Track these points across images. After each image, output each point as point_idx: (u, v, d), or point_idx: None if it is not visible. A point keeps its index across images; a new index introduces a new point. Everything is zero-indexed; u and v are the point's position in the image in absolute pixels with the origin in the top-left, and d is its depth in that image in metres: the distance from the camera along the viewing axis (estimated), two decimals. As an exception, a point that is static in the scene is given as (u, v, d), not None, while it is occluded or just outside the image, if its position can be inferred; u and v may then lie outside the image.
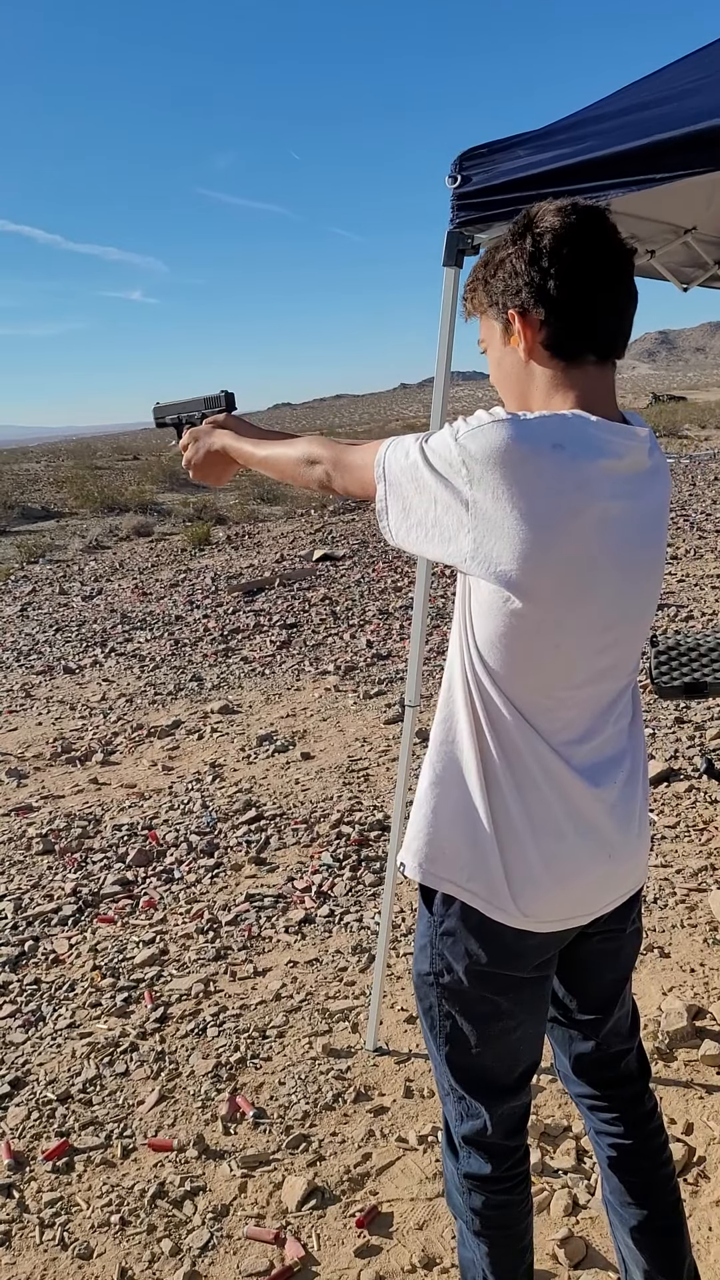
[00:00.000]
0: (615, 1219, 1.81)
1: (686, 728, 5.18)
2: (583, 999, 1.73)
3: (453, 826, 1.50)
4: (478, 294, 1.49)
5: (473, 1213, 1.69)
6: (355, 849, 4.16)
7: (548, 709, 1.43)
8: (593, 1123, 1.80)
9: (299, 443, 1.64)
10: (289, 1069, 2.81)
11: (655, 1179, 1.77)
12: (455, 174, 2.42)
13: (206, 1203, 2.36)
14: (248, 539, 14.49)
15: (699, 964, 3.15)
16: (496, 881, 1.47)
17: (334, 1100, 2.67)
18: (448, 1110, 1.69)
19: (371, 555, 11.89)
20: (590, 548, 1.33)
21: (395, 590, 9.67)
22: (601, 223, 1.38)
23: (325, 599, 9.53)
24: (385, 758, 5.24)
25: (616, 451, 1.36)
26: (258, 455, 1.72)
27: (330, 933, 3.54)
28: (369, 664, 7.14)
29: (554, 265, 1.36)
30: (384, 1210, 2.30)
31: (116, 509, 18.28)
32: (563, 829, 1.46)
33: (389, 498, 1.41)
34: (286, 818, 4.59)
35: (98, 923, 3.75)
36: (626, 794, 1.54)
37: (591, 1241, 2.17)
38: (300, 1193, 2.34)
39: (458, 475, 1.29)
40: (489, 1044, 1.59)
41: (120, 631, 8.89)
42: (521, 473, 1.27)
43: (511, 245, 1.41)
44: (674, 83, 2.33)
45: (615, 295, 1.40)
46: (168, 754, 5.65)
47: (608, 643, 1.43)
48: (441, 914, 1.54)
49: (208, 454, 1.84)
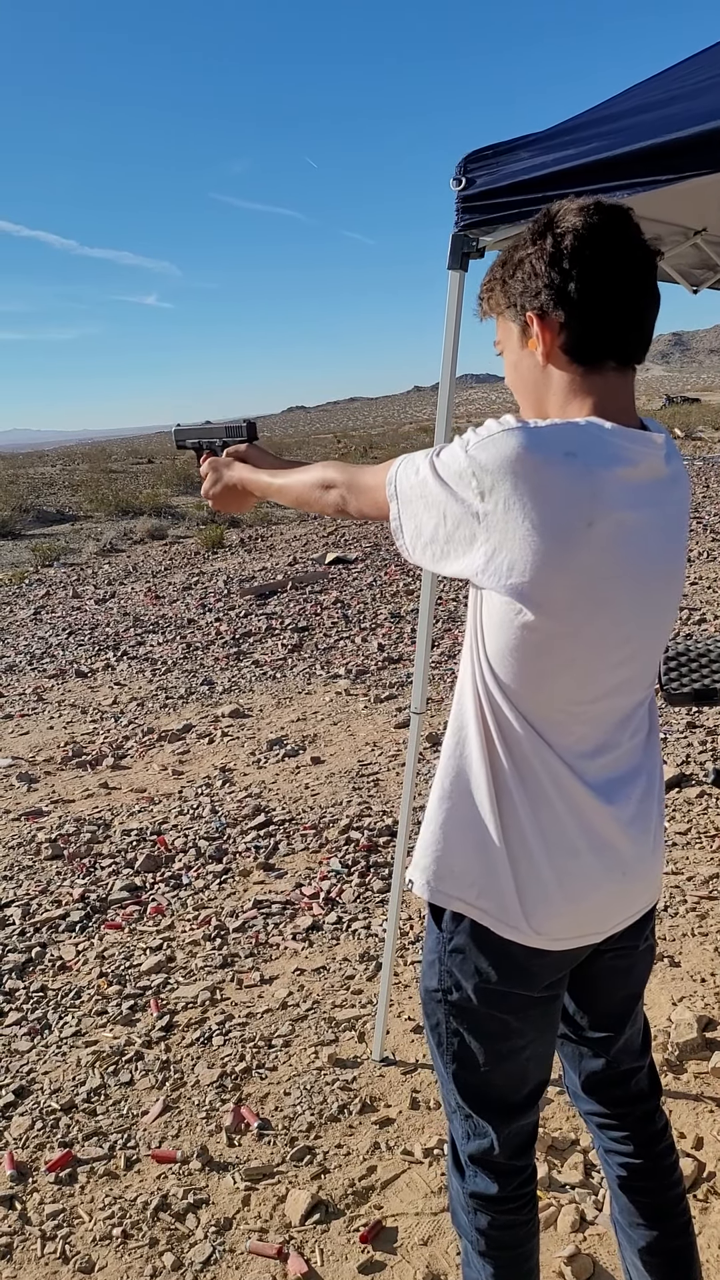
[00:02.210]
0: (624, 1239, 1.77)
1: (699, 732, 5.13)
2: (594, 1016, 1.69)
3: (462, 842, 1.46)
4: (495, 294, 1.45)
5: (478, 1233, 1.66)
6: (364, 855, 4.14)
7: (560, 723, 1.40)
8: (602, 1141, 1.77)
9: (313, 469, 1.63)
10: (294, 1079, 2.79)
11: (665, 1199, 1.73)
12: (460, 176, 2.39)
13: (209, 1216, 2.34)
14: (261, 542, 14.49)
15: (710, 974, 3.11)
16: (508, 899, 1.43)
17: (339, 1111, 2.64)
18: (454, 1128, 1.66)
19: (384, 558, 11.86)
20: (605, 559, 1.30)
21: (407, 593, 9.64)
22: (625, 223, 1.34)
23: (337, 602, 9.52)
24: (395, 762, 5.22)
25: (632, 459, 1.32)
26: (275, 485, 1.72)
27: (338, 940, 3.51)
28: (380, 667, 7.11)
29: (575, 267, 1.32)
30: (388, 1225, 2.27)
31: (131, 512, 18.31)
32: (576, 846, 1.43)
33: (402, 516, 1.38)
34: (295, 823, 4.56)
35: (105, 929, 3.74)
36: (642, 810, 1.50)
37: (599, 1259, 2.14)
38: (304, 1206, 2.32)
39: (468, 487, 1.27)
40: (497, 1063, 1.55)
41: (133, 635, 8.89)
42: (533, 482, 1.23)
43: (531, 245, 1.37)
44: (682, 82, 2.30)
45: (638, 299, 1.36)
46: (178, 758, 5.64)
47: (624, 656, 1.40)
48: (451, 930, 1.51)
49: (225, 487, 1.84)
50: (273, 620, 8.96)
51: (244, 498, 1.85)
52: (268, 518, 16.78)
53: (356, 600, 9.54)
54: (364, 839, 4.28)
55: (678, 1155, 1.78)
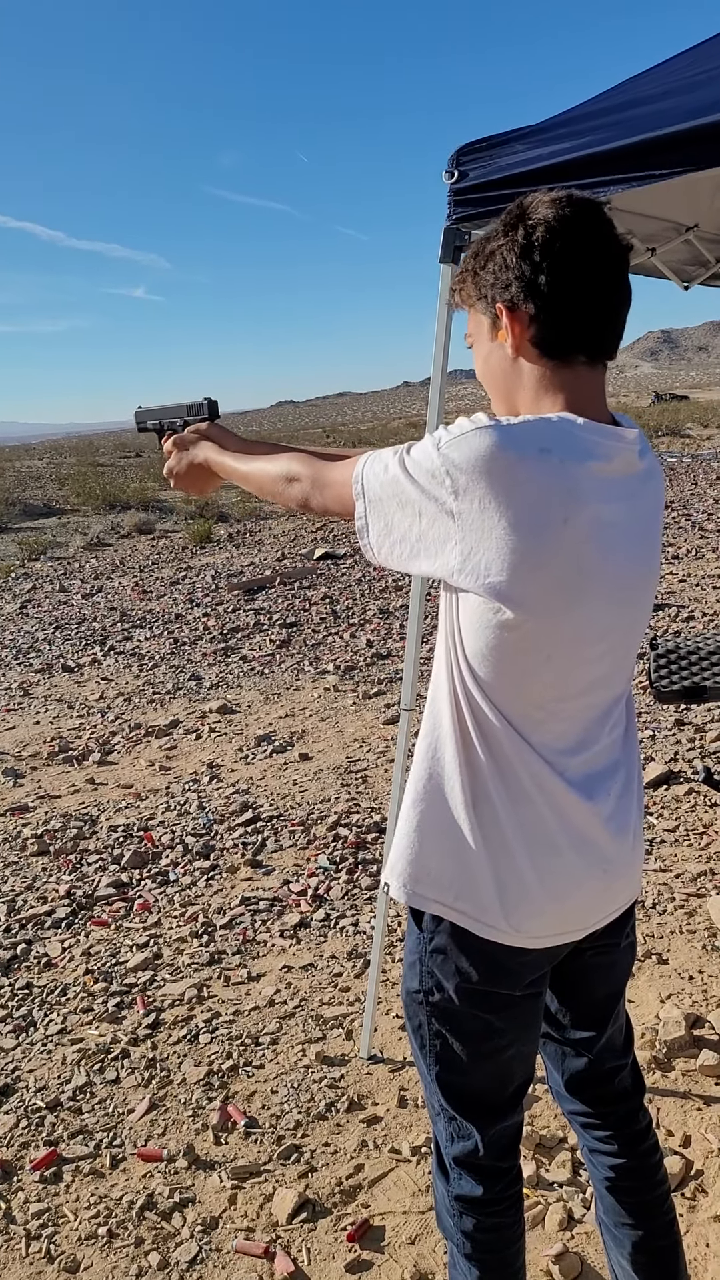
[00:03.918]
0: (610, 1239, 1.77)
1: (687, 729, 5.14)
2: (576, 1014, 1.69)
3: (438, 844, 1.45)
4: (467, 285, 1.44)
5: (464, 1235, 1.65)
6: (352, 851, 4.12)
7: (540, 721, 1.39)
8: (586, 1141, 1.76)
9: (280, 459, 1.58)
10: (281, 1077, 2.78)
11: (650, 1199, 1.73)
12: (452, 169, 2.37)
13: (196, 1215, 2.33)
14: (249, 537, 14.46)
15: (697, 971, 3.11)
16: (487, 899, 1.42)
17: (327, 1109, 2.63)
18: (438, 1131, 1.65)
19: (373, 554, 11.84)
20: (582, 554, 1.29)
21: (396, 589, 9.63)
22: (597, 216, 1.33)
23: (326, 598, 9.50)
24: (384, 759, 5.20)
25: (605, 454, 1.31)
26: (240, 470, 1.68)
27: (325, 937, 3.50)
28: (369, 664, 7.10)
29: (546, 259, 1.31)
30: (376, 1224, 2.26)
31: (118, 506, 18.25)
32: (557, 843, 1.42)
33: (369, 515, 1.36)
34: (283, 819, 4.55)
35: (91, 926, 3.71)
36: (621, 806, 1.49)
37: (587, 1257, 2.14)
38: (291, 1205, 2.30)
39: (441, 486, 1.25)
40: (480, 1063, 1.54)
41: (120, 630, 8.86)
42: (508, 480, 1.22)
43: (503, 236, 1.35)
44: (675, 77, 2.28)
45: (609, 293, 1.34)
46: (165, 754, 5.61)
47: (601, 652, 1.39)
48: (431, 931, 1.49)
49: (190, 465, 1.80)
50: (261, 616, 8.93)
51: (208, 478, 1.80)
52: (255, 513, 16.75)
53: (345, 596, 9.52)
54: (352, 835, 4.27)
55: (662, 1154, 1.77)
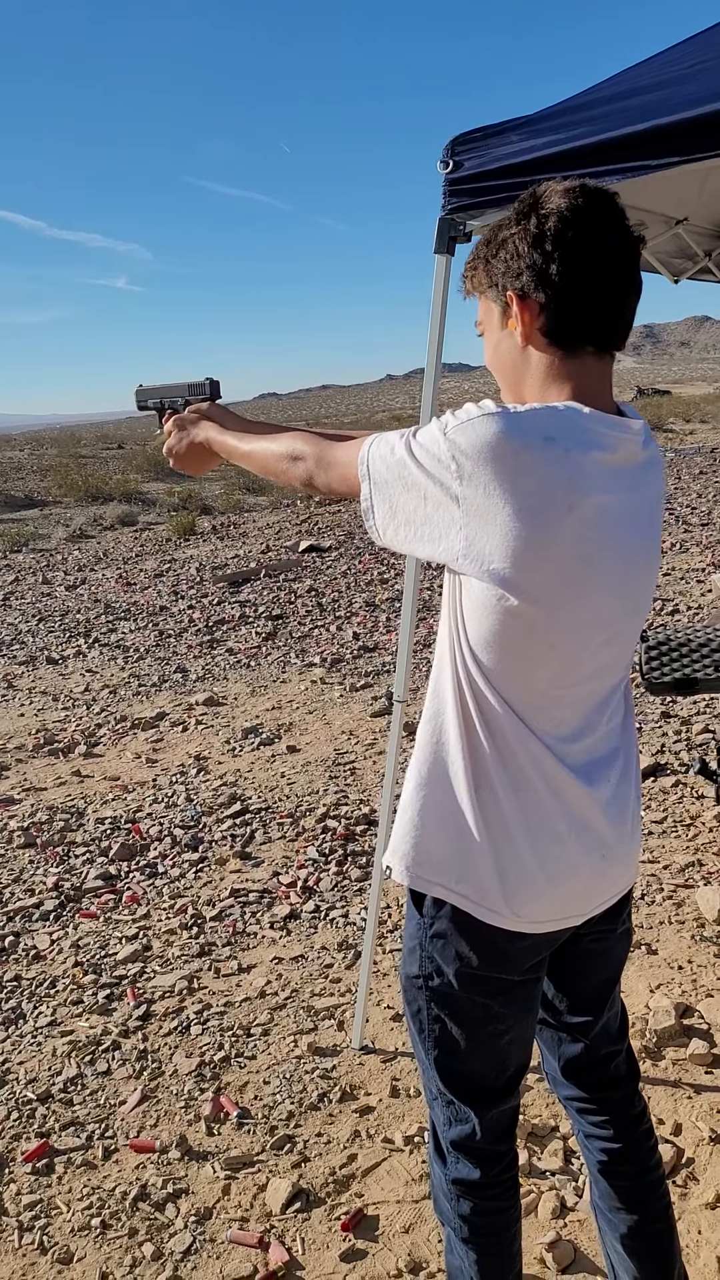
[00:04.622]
0: (604, 1224, 1.78)
1: (673, 722, 5.16)
2: (573, 1000, 1.70)
3: (440, 828, 1.46)
4: (478, 273, 1.44)
5: (461, 1219, 1.66)
6: (341, 843, 4.12)
7: (543, 708, 1.40)
8: (582, 1126, 1.77)
9: (283, 438, 1.59)
10: (273, 1068, 2.78)
11: (645, 1183, 1.74)
12: (447, 159, 2.37)
13: (189, 1205, 2.32)
14: (233, 529, 14.42)
15: (686, 961, 3.13)
16: (488, 883, 1.43)
17: (319, 1100, 2.63)
18: (435, 1115, 1.66)
19: (358, 547, 11.83)
20: (585, 543, 1.30)
21: (381, 582, 9.63)
22: (610, 207, 1.33)
23: (311, 590, 9.48)
24: (371, 751, 5.21)
25: (610, 444, 1.32)
26: (241, 449, 1.68)
27: (316, 929, 3.50)
28: (355, 656, 7.09)
29: (558, 249, 1.31)
30: (370, 1213, 2.27)
31: (101, 498, 18.16)
32: (558, 829, 1.43)
33: (374, 496, 1.36)
34: (272, 811, 4.54)
35: (80, 918, 3.70)
36: (620, 793, 1.51)
37: (580, 1245, 2.15)
38: (285, 1195, 2.31)
39: (447, 471, 1.25)
40: (479, 1048, 1.56)
41: (104, 622, 8.82)
42: (513, 467, 1.23)
43: (515, 225, 1.36)
44: (670, 68, 2.28)
45: (619, 284, 1.35)
46: (152, 746, 5.59)
47: (604, 640, 1.40)
48: (432, 916, 1.50)
49: (190, 445, 1.79)
50: (246, 608, 8.91)
51: (207, 457, 1.80)
52: (239, 505, 16.70)
53: (331, 589, 9.51)
54: (341, 828, 4.27)
55: (656, 1140, 1.79)
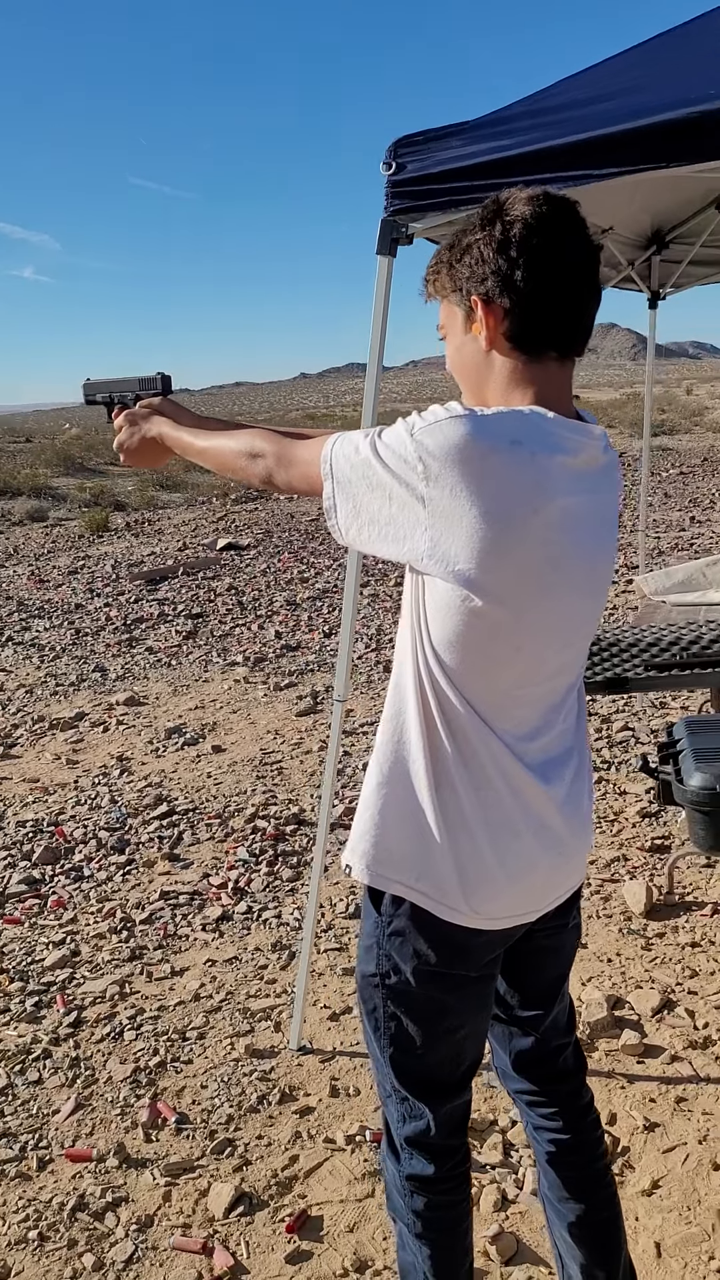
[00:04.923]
0: (552, 1214, 1.81)
1: (594, 720, 5.28)
2: (525, 995, 1.72)
3: (401, 827, 1.47)
4: (441, 277, 1.45)
5: (415, 1215, 1.67)
6: (271, 843, 4.11)
7: (504, 707, 1.42)
8: (531, 1119, 1.80)
9: (242, 435, 1.58)
10: (211, 1071, 2.75)
11: (592, 1172, 1.78)
12: (390, 160, 2.37)
13: (130, 1214, 2.29)
14: (148, 526, 14.22)
15: (615, 954, 3.20)
16: (447, 881, 1.45)
17: (259, 1102, 2.62)
18: (389, 1112, 1.67)
19: (277, 545, 11.80)
20: (549, 545, 1.32)
21: (302, 581, 9.61)
22: (573, 215, 1.36)
23: (231, 589, 9.42)
24: (298, 750, 5.19)
25: (573, 449, 1.35)
26: (197, 446, 1.66)
27: (249, 930, 3.48)
28: (278, 655, 7.07)
29: (523, 255, 1.33)
30: (314, 1214, 2.26)
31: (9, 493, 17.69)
32: (517, 826, 1.45)
33: (337, 496, 1.36)
34: (199, 812, 4.50)
35: (3, 924, 3.61)
36: (574, 790, 1.54)
37: (522, 1236, 2.18)
38: (227, 1199, 2.29)
39: (413, 472, 1.26)
40: (434, 1044, 1.57)
41: (17, 620, 8.61)
42: (480, 469, 1.24)
43: (480, 230, 1.37)
44: (613, 80, 2.33)
45: (581, 291, 1.37)
46: (71, 747, 5.48)
47: (565, 641, 1.43)
48: (390, 914, 1.51)
49: (143, 440, 1.76)
50: (165, 606, 8.80)
51: (160, 453, 1.77)
52: (153, 502, 16.48)
53: (251, 587, 9.46)
54: (271, 828, 4.25)
55: (603, 1130, 1.83)
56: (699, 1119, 2.46)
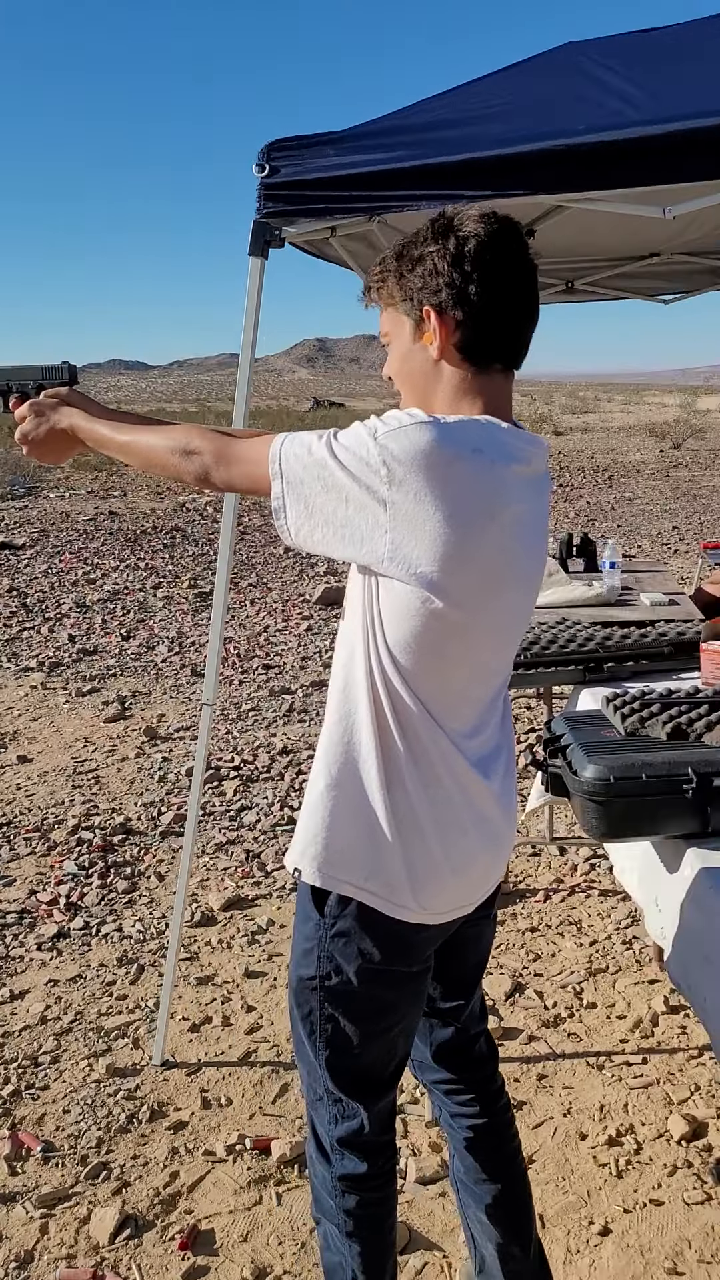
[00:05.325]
0: (468, 1198, 1.86)
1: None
2: (447, 986, 1.78)
3: (351, 827, 1.48)
4: (388, 285, 1.47)
5: (346, 1214, 1.68)
6: (100, 855, 3.96)
7: (452, 706, 1.46)
8: (448, 1106, 1.85)
9: (174, 431, 1.54)
10: (71, 1095, 2.63)
11: (507, 1153, 1.86)
12: (263, 163, 2.37)
13: (6, 1252, 2.16)
14: None
15: (459, 943, 3.32)
16: (396, 879, 1.48)
17: (128, 1122, 2.53)
18: (319, 1116, 1.67)
19: (55, 545, 11.34)
20: (504, 549, 1.38)
21: (89, 582, 9.29)
22: (519, 234, 1.42)
23: (12, 590, 8.96)
24: (113, 758, 5.03)
25: (525, 457, 1.41)
26: (118, 440, 1.60)
27: (89, 946, 3.35)
28: (75, 660, 6.81)
29: (476, 270, 1.38)
30: (204, 1228, 2.22)
31: None
32: (463, 822, 1.50)
33: (287, 496, 1.36)
34: (14, 826, 4.27)
35: None
36: (506, 784, 1.60)
37: (412, 1224, 2.23)
38: (112, 1224, 2.20)
39: (375, 475, 1.28)
40: (371, 1042, 1.59)
41: None
42: (444, 475, 1.28)
43: (433, 243, 1.40)
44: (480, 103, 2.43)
45: (526, 307, 1.44)
46: None
47: (507, 640, 1.50)
48: (335, 915, 1.52)
49: (51, 431, 1.67)
50: (-58, 609, 8.27)
51: (67, 446, 1.68)
52: None
53: (34, 588, 9.04)
54: (98, 839, 4.10)
55: (513, 1113, 1.91)
56: (561, 1093, 2.60)
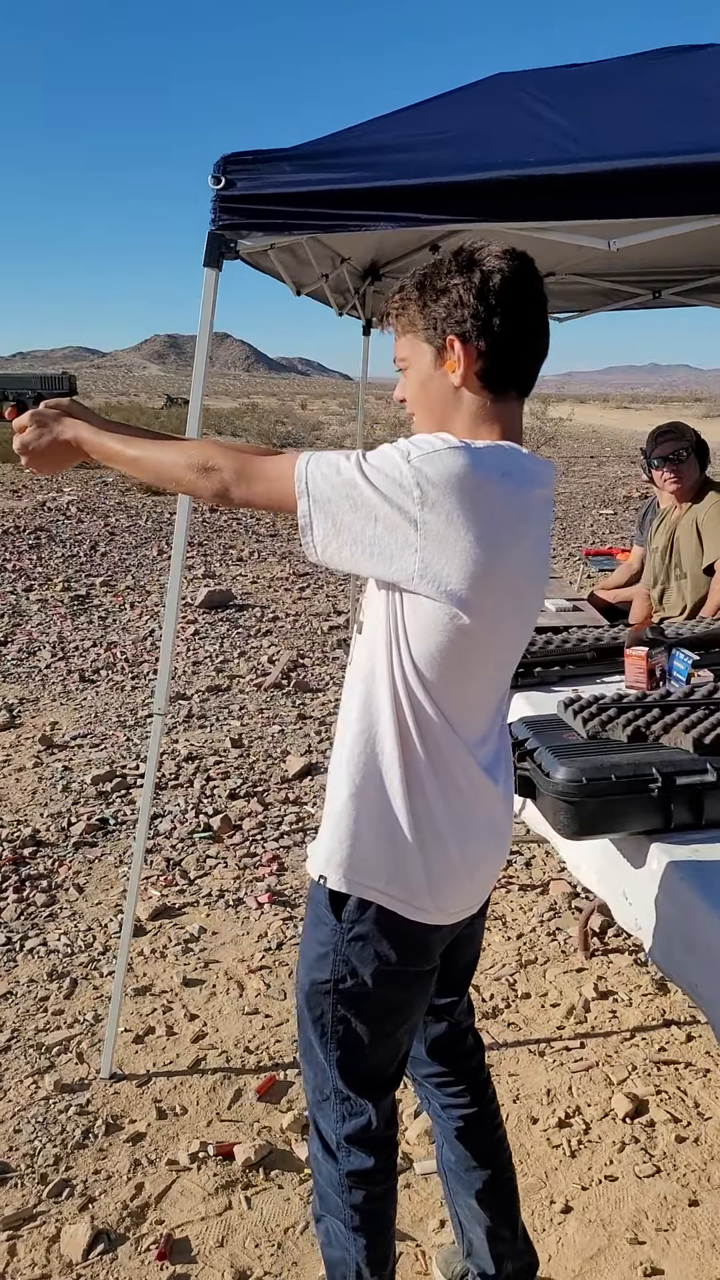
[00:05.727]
0: (458, 1186, 1.94)
1: (311, 723, 5.49)
2: (443, 983, 1.84)
3: (374, 834, 1.54)
4: (409, 313, 1.53)
5: (353, 1210, 1.73)
6: (13, 869, 3.85)
7: (468, 716, 1.54)
8: (439, 1099, 1.92)
9: (189, 447, 1.56)
10: (20, 1114, 2.57)
11: (495, 1139, 1.94)
12: (219, 175, 2.39)
13: (-24, 1280, 2.11)
14: None
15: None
16: (416, 882, 1.54)
17: (84, 1137, 2.50)
18: (325, 1116, 1.72)
19: None
20: (524, 567, 1.47)
21: (-43, 587, 8.94)
22: (535, 270, 1.51)
23: None
24: (9, 768, 4.89)
25: (544, 481, 1.51)
26: (127, 454, 1.60)
27: (15, 962, 3.26)
28: (-47, 668, 6.56)
29: (501, 304, 1.46)
30: (178, 1237, 2.22)
31: None
32: (478, 825, 1.58)
33: (314, 514, 1.41)
34: None
35: None
36: (507, 788, 1.69)
37: (383, 1215, 2.29)
38: (84, 1240, 2.17)
39: (408, 496, 1.35)
40: (381, 1041, 1.65)
41: None
42: (476, 498, 1.36)
43: (458, 276, 1.47)
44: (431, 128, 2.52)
45: (542, 339, 1.53)
46: None
47: (517, 652, 1.59)
48: (354, 919, 1.57)
49: (53, 443, 1.66)
50: None
51: (68, 457, 1.69)
52: None
53: None
54: (7, 851, 3.98)
55: (499, 1101, 2.00)
56: (508, 1081, 2.71)
